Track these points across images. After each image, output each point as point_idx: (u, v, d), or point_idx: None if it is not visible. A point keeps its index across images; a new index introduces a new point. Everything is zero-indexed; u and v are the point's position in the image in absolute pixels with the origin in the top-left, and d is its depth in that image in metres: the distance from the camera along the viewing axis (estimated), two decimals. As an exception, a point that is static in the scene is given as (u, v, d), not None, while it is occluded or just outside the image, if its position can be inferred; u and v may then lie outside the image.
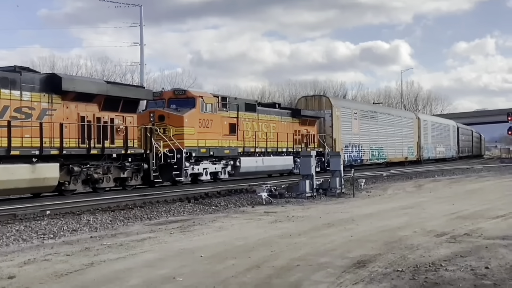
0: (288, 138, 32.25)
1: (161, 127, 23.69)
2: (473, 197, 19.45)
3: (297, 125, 33.80)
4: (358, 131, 40.75)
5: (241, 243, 10.46)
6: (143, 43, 47.19)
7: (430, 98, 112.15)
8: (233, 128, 27.43)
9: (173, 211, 15.71)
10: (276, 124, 31.58)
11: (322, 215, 14.63)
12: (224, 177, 27.02)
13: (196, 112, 24.88)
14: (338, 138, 37.43)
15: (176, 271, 8.07)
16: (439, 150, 61.49)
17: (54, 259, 9.16)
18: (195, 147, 24.62)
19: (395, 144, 47.83)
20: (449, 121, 72.56)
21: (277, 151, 31.22)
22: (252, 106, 29.99)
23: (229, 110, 27.43)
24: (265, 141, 30.07)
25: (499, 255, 8.81)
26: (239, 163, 27.68)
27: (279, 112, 32.79)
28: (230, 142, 27.27)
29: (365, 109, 44.62)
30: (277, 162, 31.03)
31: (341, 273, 7.79)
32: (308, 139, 34.51)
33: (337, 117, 37.79)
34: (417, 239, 10.45)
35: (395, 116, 50.05)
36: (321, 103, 38.17)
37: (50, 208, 15.28)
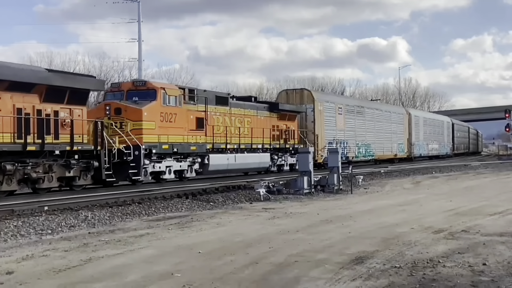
0: (264, 133, 29.95)
1: (118, 121, 21.68)
2: (471, 193, 19.49)
3: (275, 120, 31.41)
4: (343, 127, 38.62)
5: (239, 239, 10.48)
6: (141, 39, 47.18)
7: (428, 95, 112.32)
8: (200, 123, 25.12)
9: (171, 207, 15.71)
10: (251, 119, 29.20)
11: (320, 212, 14.65)
12: (191, 175, 24.85)
13: (157, 105, 22.62)
14: (321, 134, 35.22)
15: (174, 267, 8.08)
16: (431, 147, 59.43)
17: (52, 255, 9.17)
18: (156, 143, 22.43)
19: (383, 141, 45.66)
20: (443, 117, 70.73)
21: (252, 148, 28.93)
22: (224, 99, 27.59)
23: (197, 104, 25.14)
24: (238, 137, 27.77)
25: (496, 252, 8.83)
26: (208, 160, 25.32)
27: (255, 106, 30.26)
28: (198, 138, 24.95)
29: (351, 104, 42.20)
30: (252, 160, 28.72)
31: (339, 269, 7.80)
32: (287, 135, 32.32)
33: (319, 112, 35.36)
34: (415, 236, 10.47)
35: (383, 112, 47.65)
36: (303, 97, 35.68)
37: (48, 204, 15.26)
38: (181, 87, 25.24)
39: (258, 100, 32.33)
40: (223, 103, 27.13)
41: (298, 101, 35.18)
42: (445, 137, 65.54)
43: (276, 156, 30.82)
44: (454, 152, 69.42)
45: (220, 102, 26.93)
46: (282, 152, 31.64)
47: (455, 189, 21.52)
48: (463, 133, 78.89)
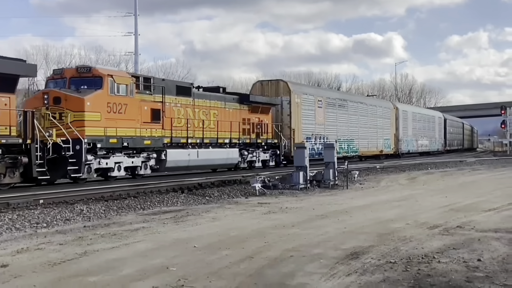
0: (233, 127, 27.79)
1: (57, 112, 19.49)
2: (466, 190, 19.53)
3: (246, 112, 29.25)
4: (323, 121, 36.55)
5: (235, 233, 10.48)
6: (137, 33, 47.19)
7: (424, 91, 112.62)
8: (156, 115, 22.95)
9: (167, 202, 15.71)
10: (218, 111, 27.06)
11: (315, 207, 14.67)
12: (145, 172, 22.79)
13: (104, 94, 20.35)
14: (298, 129, 33.13)
15: (169, 261, 8.08)
16: (421, 143, 57.75)
17: (47, 248, 9.16)
18: (102, 137, 20.25)
19: (368, 136, 43.88)
20: (434, 112, 69.53)
21: (218, 143, 26.85)
22: (186, 89, 25.39)
23: (154, 94, 23.07)
24: (201, 130, 25.68)
25: (491, 248, 8.85)
26: (165, 156, 23.27)
27: (222, 97, 27.97)
28: (153, 131, 22.80)
29: (332, 97, 39.97)
30: (218, 156, 26.64)
31: (334, 264, 7.81)
32: (260, 129, 30.17)
33: (297, 105, 33.23)
34: (410, 231, 10.49)
35: (368, 105, 45.57)
36: (279, 88, 33.26)
37: (43, 197, 15.25)
38: (134, 75, 23.35)
39: (227, 91, 30.22)
40: (185, 93, 25.09)
41: (273, 93, 33.07)
42: (436, 133, 63.95)
43: (246, 151, 28.92)
44: (446, 148, 68.09)
45: (182, 92, 24.87)
46: (254, 147, 29.78)
47: (451, 185, 21.56)
48: (457, 129, 77.80)
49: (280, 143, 31.60)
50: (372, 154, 44.83)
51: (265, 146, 30.57)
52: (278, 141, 31.67)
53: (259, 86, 34.07)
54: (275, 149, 31.44)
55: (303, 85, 39.71)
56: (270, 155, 30.94)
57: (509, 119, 66.59)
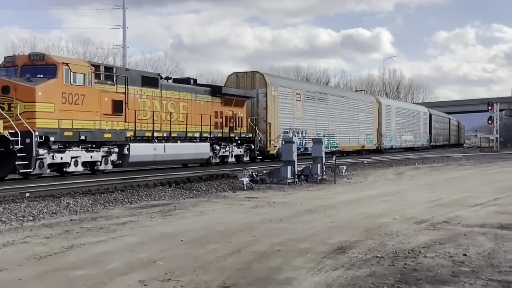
0: (204, 120, 26.32)
1: (6, 102, 18.22)
2: (453, 185, 19.65)
3: (218, 105, 27.79)
4: (301, 115, 35.01)
5: (222, 228, 10.47)
6: (125, 26, 46.83)
7: (412, 87, 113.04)
8: (118, 107, 21.51)
9: (154, 195, 15.66)
10: (188, 104, 25.67)
11: (303, 201, 14.69)
12: (106, 168, 21.47)
13: (58, 83, 18.90)
14: (274, 123, 31.70)
15: (156, 255, 8.06)
16: (405, 138, 56.54)
17: (33, 242, 9.10)
18: (56, 130, 18.76)
19: (349, 131, 42.54)
20: (419, 107, 68.40)
21: (187, 137, 25.39)
22: (152, 80, 23.95)
23: (117, 84, 21.64)
24: (169, 123, 24.24)
25: (477, 243, 8.91)
26: (128, 150, 21.86)
27: (193, 89, 26.47)
28: (114, 124, 21.32)
29: (311, 90, 38.23)
30: (186, 150, 25.11)
31: (321, 258, 7.83)
32: (234, 122, 28.75)
33: (273, 98, 31.75)
34: (397, 226, 10.54)
35: (350, 99, 44.15)
36: (254, 80, 31.65)
37: (30, 190, 15.16)
38: (94, 64, 21.55)
39: (198, 83, 28.81)
40: (151, 84, 23.69)
41: (249, 85, 31.52)
42: (421, 128, 62.73)
43: (218, 146, 27.56)
44: (432, 144, 67.13)
45: (148, 83, 23.45)
46: (227, 142, 28.44)
47: (437, 181, 21.68)
48: (443, 125, 76.97)
49: (255, 137, 30.26)
50: (354, 149, 43.63)
51: (238, 140, 29.32)
52: (253, 136, 30.27)
53: (234, 78, 32.50)
54: (250, 144, 30.16)
55: (280, 78, 37.66)
56: (245, 150, 29.75)
57: (495, 115, 67.03)
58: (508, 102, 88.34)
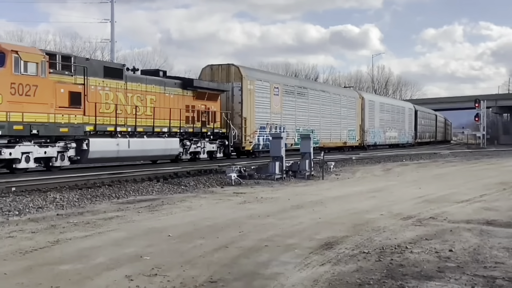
0: (173, 115, 24.81)
1: None
2: (440, 181, 19.75)
3: (190, 99, 26.30)
4: (279, 110, 33.49)
5: (210, 223, 10.46)
6: (113, 20, 46.71)
7: (400, 84, 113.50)
8: (76, 99, 19.88)
9: (142, 190, 15.62)
10: (156, 97, 24.14)
11: (291, 197, 14.71)
12: (63, 164, 19.81)
13: (6, 72, 17.38)
14: (250, 117, 30.17)
15: (143, 250, 8.04)
16: (389, 135, 54.84)
17: (19, 236, 9.05)
18: (3, 123, 17.34)
19: (330, 127, 41.05)
20: (404, 103, 66.98)
21: (155, 132, 23.92)
22: (116, 71, 22.35)
23: (76, 75, 20.06)
24: (134, 117, 22.67)
25: (463, 239, 8.97)
26: (88, 146, 20.26)
27: (162, 82, 24.89)
28: (72, 117, 19.70)
29: (290, 84, 36.52)
30: (153, 146, 23.63)
31: (308, 254, 7.84)
32: (207, 117, 27.28)
33: (249, 92, 30.14)
34: (384, 222, 10.58)
35: (331, 94, 42.41)
36: (230, 73, 30.06)
37: (15, 184, 15.04)
38: (48, 53, 19.91)
39: (169, 75, 27.31)
40: (115, 76, 22.12)
41: (224, 78, 29.93)
42: (406, 125, 61.42)
43: (189, 141, 25.94)
44: (417, 141, 65.93)
45: (111, 74, 21.90)
46: (199, 137, 26.87)
47: (424, 177, 21.79)
48: (429, 121, 75.69)
49: (229, 133, 28.63)
50: (335, 146, 42.10)
51: (211, 136, 27.77)
52: (227, 131, 28.66)
53: (208, 71, 30.73)
54: (224, 140, 28.58)
55: (257, 71, 35.39)
56: (218, 146, 28.18)
57: (482, 112, 67.48)
58: (495, 100, 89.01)
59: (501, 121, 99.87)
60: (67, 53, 23.46)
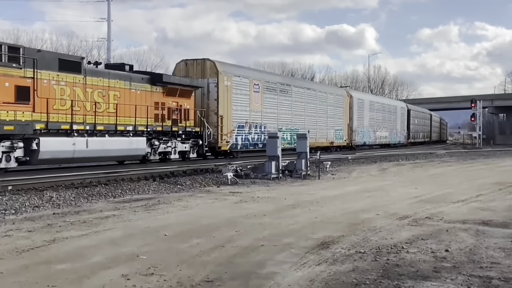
0: (139, 112, 23.11)
1: None
2: (436, 181, 19.79)
3: (159, 95, 24.59)
4: (260, 108, 31.77)
5: (206, 222, 10.47)
6: (110, 19, 46.65)
7: (396, 83, 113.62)
8: (24, 94, 18.27)
9: (138, 189, 15.61)
10: (120, 93, 22.36)
11: (287, 196, 14.72)
12: (9, 166, 18.08)
13: None
14: (227, 116, 28.63)
15: (139, 249, 8.04)
16: (380, 134, 53.38)
17: (15, 235, 9.04)
18: None
19: (316, 126, 39.30)
20: (396, 102, 65.77)
21: (118, 130, 22.08)
22: (73, 64, 20.63)
23: (26, 68, 18.44)
24: (93, 115, 20.91)
25: (458, 239, 8.99)
26: (38, 145, 18.55)
27: (127, 77, 23.06)
28: (19, 114, 18.07)
29: (272, 80, 34.63)
30: (116, 145, 21.80)
31: (304, 253, 7.86)
32: (179, 115, 25.69)
33: (226, 88, 28.55)
34: (380, 222, 10.60)
35: (317, 92, 40.71)
36: (205, 68, 28.33)
37: (12, 183, 15.01)
38: None
39: (136, 70, 25.86)
40: (72, 69, 20.39)
41: (199, 74, 28.30)
42: (398, 124, 59.94)
43: (157, 141, 24.37)
44: (410, 140, 64.61)
45: (67, 67, 20.19)
46: (169, 136, 25.24)
47: (420, 177, 21.82)
48: (423, 121, 74.61)
49: (203, 131, 27.04)
50: (321, 145, 39.77)
51: (183, 135, 26.07)
52: (201, 130, 27.04)
53: (183, 66, 29.02)
54: (198, 139, 26.96)
55: (236, 66, 33.42)
56: (191, 145, 26.58)
57: (478, 112, 67.61)
58: (491, 100, 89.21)
59: (497, 121, 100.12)
60: (16, 44, 22.02)
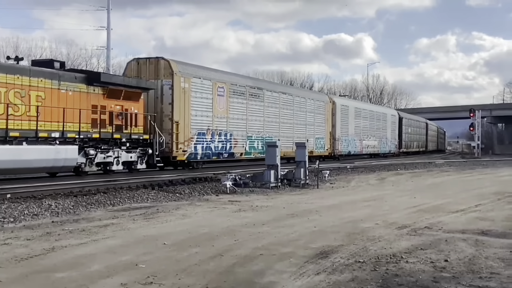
0: (70, 116, 20.12)
1: None
2: (434, 191, 19.79)
3: (99, 97, 21.50)
4: (225, 113, 28.96)
5: (205, 231, 10.45)
6: (110, 27, 46.82)
7: (395, 93, 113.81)
8: None
9: (137, 198, 15.59)
10: (46, 93, 19.40)
11: (286, 206, 14.71)
12: None
13: None
14: (184, 122, 25.73)
15: (138, 258, 8.02)
16: (367, 143, 50.65)
17: (14, 243, 9.02)
18: None
19: (293, 134, 36.31)
20: (386, 109, 63.25)
21: (40, 137, 19.11)
22: None
23: None
24: (5, 119, 18.00)
25: (458, 249, 8.98)
26: None
27: (55, 75, 19.97)
28: None
29: (240, 83, 31.22)
30: (37, 155, 18.64)
31: (303, 263, 7.85)
32: (124, 120, 22.62)
33: (183, 91, 25.70)
34: (379, 231, 10.59)
35: (294, 97, 37.76)
36: (159, 68, 25.52)
37: (11, 191, 15.00)
38: None
39: (69, 68, 23.26)
40: None
41: (153, 75, 25.48)
42: (388, 133, 56.91)
43: (94, 150, 21.11)
44: (403, 150, 61.89)
45: None
46: (111, 144, 22.06)
47: (419, 186, 21.83)
48: (417, 129, 72.04)
49: (154, 139, 23.99)
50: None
51: (127, 143, 22.91)
52: (150, 137, 23.97)
53: (134, 66, 26.12)
54: (146, 148, 23.78)
55: (195, 66, 29.36)
56: (139, 155, 23.47)
57: (477, 122, 67.73)
58: (489, 109, 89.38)
59: (495, 131, 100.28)
60: None
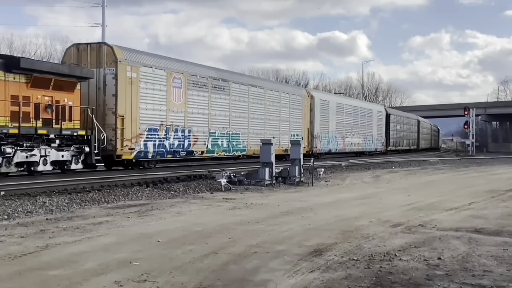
0: None
1: None
2: (429, 189, 19.83)
3: (21, 87, 18.51)
4: (183, 107, 25.85)
5: (199, 229, 10.46)
6: (104, 24, 46.63)
7: (390, 91, 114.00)
8: None
9: (131, 195, 15.58)
10: None
11: (280, 203, 14.72)
12: None
13: None
14: (131, 116, 22.66)
15: (132, 256, 8.02)
16: (350, 141, 47.32)
17: (7, 241, 9.00)
18: None
19: (264, 130, 32.98)
20: (372, 105, 60.05)
21: None
22: None
23: None
24: None
25: (451, 247, 9.01)
26: None
27: None
28: None
29: (201, 74, 27.64)
30: None
31: (297, 261, 7.86)
32: (55, 113, 19.60)
33: (129, 81, 22.63)
34: (373, 229, 10.62)
35: (266, 90, 34.04)
36: (101, 55, 22.39)
37: (4, 189, 14.97)
38: None
39: None
40: None
41: (94, 63, 22.38)
42: (374, 130, 53.50)
43: (11, 148, 17.88)
44: (391, 148, 58.71)
45: None
46: (37, 141, 18.93)
47: (414, 184, 21.87)
48: (408, 126, 68.55)
49: (93, 135, 20.78)
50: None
51: (57, 140, 19.72)
52: (89, 133, 20.78)
53: (74, 53, 23.10)
54: (83, 146, 20.53)
55: (146, 54, 25.97)
56: (74, 153, 20.28)
57: (472, 120, 67.89)
58: (484, 107, 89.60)
59: (490, 129, 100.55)
60: None
